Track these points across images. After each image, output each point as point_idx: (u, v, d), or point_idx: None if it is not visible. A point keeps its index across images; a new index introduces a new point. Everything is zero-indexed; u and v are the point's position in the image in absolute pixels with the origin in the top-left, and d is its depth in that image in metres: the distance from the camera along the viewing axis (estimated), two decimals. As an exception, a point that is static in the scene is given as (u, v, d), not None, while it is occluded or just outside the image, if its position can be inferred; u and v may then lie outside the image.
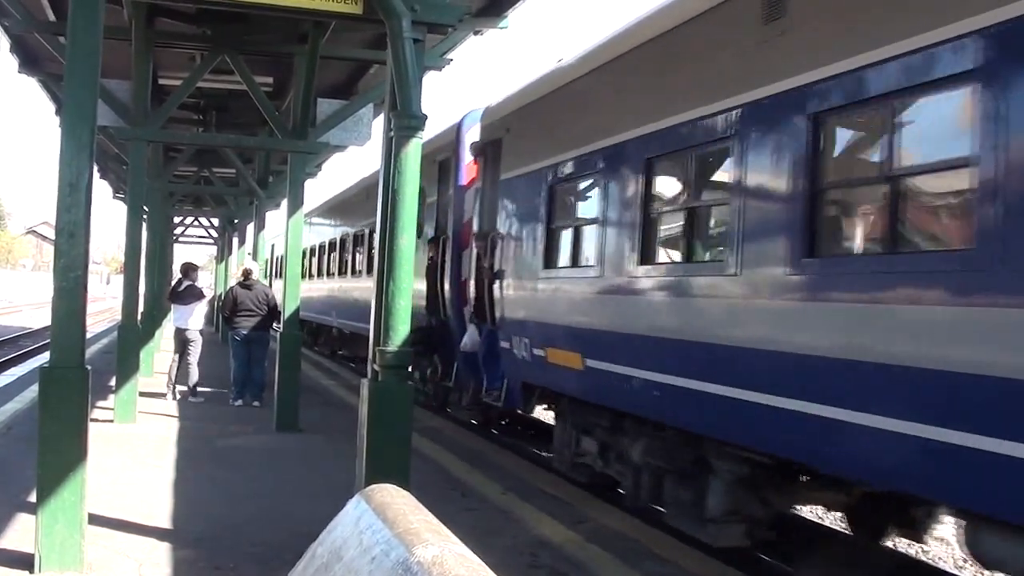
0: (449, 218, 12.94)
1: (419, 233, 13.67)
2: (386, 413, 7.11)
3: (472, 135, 12.45)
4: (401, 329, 7.09)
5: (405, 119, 7.12)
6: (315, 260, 27.34)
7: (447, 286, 12.65)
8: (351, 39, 12.76)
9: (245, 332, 14.51)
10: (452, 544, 2.90)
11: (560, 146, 9.21)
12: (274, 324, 14.63)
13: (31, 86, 18.18)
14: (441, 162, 13.60)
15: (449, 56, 12.06)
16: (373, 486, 3.91)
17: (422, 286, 13.29)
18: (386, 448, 7.06)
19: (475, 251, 11.56)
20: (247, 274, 14.82)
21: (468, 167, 12.43)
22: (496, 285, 10.60)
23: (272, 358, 13.63)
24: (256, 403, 14.53)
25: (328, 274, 24.83)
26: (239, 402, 14.64)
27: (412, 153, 7.15)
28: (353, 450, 7.46)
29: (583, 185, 9.00)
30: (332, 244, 24.61)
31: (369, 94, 13.72)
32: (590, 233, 8.66)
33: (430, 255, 13.34)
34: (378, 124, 12.81)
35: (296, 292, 13.04)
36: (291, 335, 12.86)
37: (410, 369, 7.21)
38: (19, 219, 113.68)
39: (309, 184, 19.77)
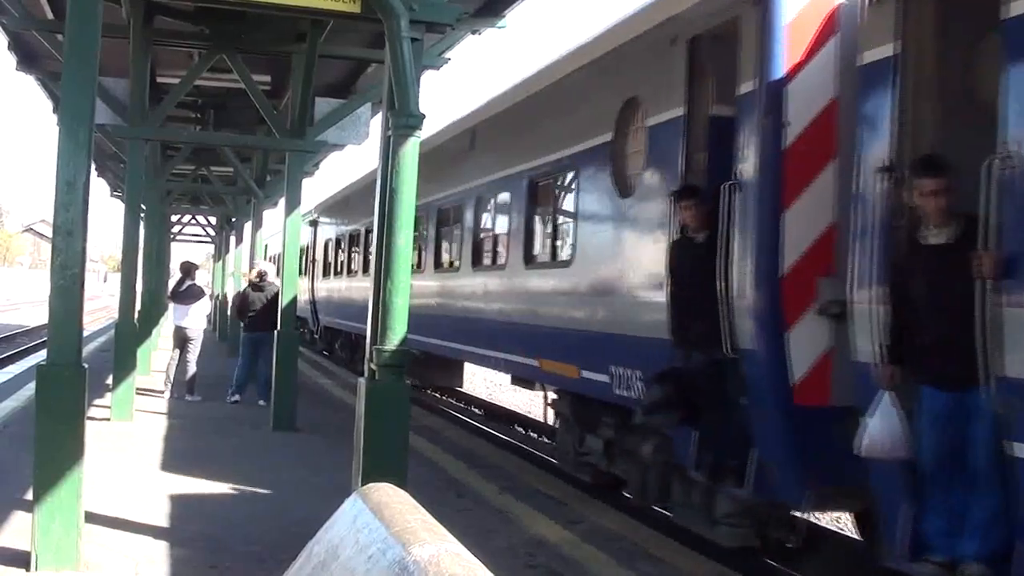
0: (743, 147, 6.62)
1: (624, 192, 8.12)
2: (383, 412, 7.11)
3: None
4: (398, 328, 7.08)
5: (403, 118, 7.12)
6: (358, 253, 20.98)
7: (736, 286, 6.55)
8: (349, 38, 12.76)
9: (252, 332, 14.57)
10: (449, 543, 2.90)
11: None
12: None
13: (29, 84, 18.14)
14: (695, 39, 7.32)
15: (447, 55, 12.06)
16: (370, 485, 3.91)
17: (646, 289, 7.68)
18: (383, 447, 7.06)
19: (883, 211, 5.59)
20: (261, 276, 14.88)
21: (797, 30, 6.36)
22: (1010, 294, 4.74)
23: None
24: (262, 401, 14.50)
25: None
26: (236, 398, 14.67)
27: (410, 152, 7.15)
28: (350, 449, 7.46)
29: None
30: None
31: (367, 93, 13.73)
32: None
33: (680, 227, 7.20)
34: (376, 123, 12.79)
35: (293, 291, 13.07)
36: (289, 334, 12.89)
37: (622, 444, 5.44)
38: (17, 217, 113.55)
39: (307, 182, 19.77)
